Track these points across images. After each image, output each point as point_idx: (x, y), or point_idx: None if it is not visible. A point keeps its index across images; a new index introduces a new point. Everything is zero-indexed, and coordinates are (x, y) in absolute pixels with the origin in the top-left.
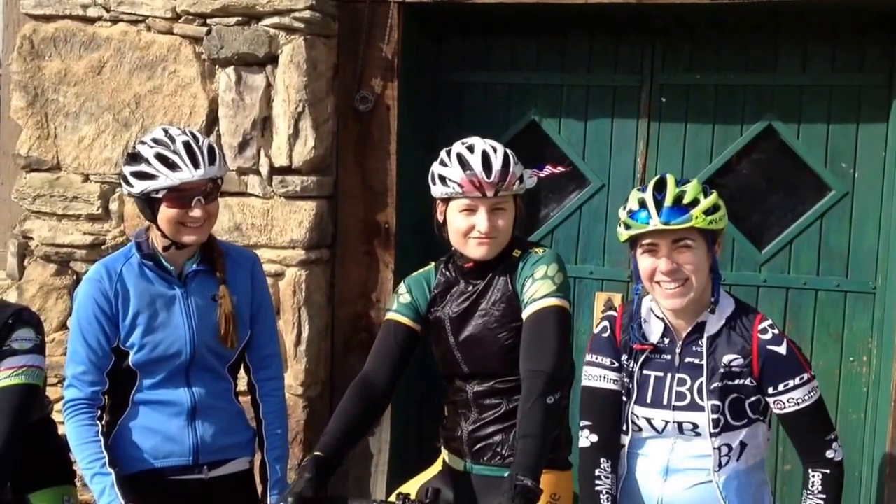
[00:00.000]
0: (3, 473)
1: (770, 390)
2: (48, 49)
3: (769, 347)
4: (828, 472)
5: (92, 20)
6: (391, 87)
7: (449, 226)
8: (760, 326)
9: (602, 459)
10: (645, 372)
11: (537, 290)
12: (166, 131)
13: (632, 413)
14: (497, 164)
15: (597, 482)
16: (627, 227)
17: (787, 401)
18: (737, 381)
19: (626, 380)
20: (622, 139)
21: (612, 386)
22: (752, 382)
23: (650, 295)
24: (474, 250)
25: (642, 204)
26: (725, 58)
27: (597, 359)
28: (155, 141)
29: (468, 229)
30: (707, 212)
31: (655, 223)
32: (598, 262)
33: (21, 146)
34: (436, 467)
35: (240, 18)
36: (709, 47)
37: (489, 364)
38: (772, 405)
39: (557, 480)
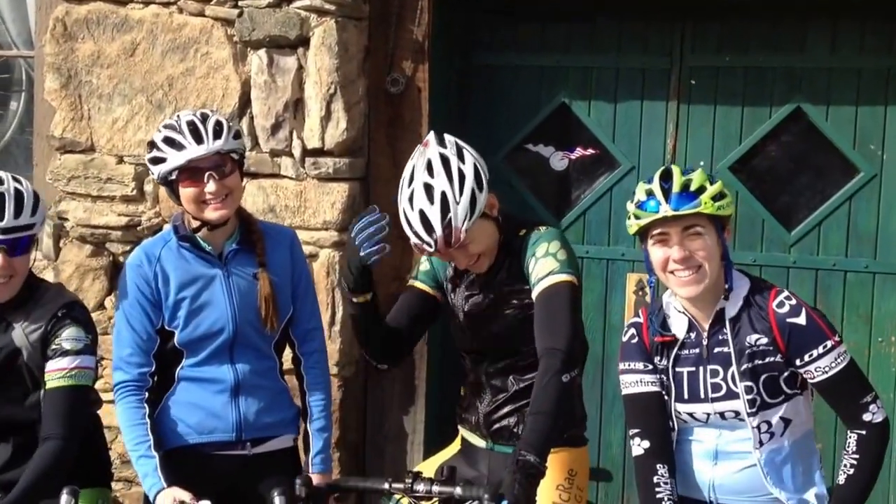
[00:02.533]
0: (60, 476)
1: (798, 362)
2: (81, 31)
3: (788, 320)
4: (863, 433)
5: (124, 2)
6: (422, 69)
7: None
8: (776, 301)
9: (658, 465)
10: (678, 369)
11: (542, 268)
12: (178, 116)
13: (674, 410)
14: (437, 225)
15: (657, 490)
16: (637, 218)
17: (816, 370)
18: (767, 360)
19: (663, 377)
20: (652, 121)
21: (651, 388)
22: (781, 359)
23: (668, 292)
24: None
25: (650, 194)
26: (754, 40)
27: (630, 365)
28: (165, 126)
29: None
30: (714, 198)
31: (665, 210)
32: (629, 243)
33: (55, 128)
34: (455, 446)
35: (271, 1)
36: (738, 29)
37: (497, 341)
38: (804, 376)
39: (573, 457)
